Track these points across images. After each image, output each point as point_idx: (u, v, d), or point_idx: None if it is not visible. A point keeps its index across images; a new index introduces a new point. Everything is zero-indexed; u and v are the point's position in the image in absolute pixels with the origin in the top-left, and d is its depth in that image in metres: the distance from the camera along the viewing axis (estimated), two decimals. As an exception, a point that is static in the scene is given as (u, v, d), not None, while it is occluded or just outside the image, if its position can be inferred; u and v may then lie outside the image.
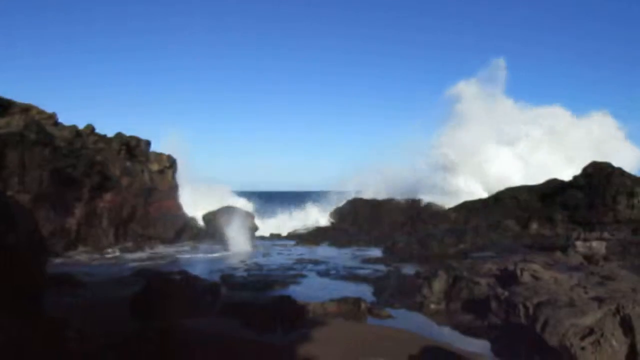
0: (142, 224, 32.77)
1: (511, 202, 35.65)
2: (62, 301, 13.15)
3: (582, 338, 8.28)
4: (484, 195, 40.87)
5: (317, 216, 47.88)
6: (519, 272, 14.31)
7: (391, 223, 40.66)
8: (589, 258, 19.08)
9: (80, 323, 8.90)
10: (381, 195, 45.50)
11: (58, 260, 23.55)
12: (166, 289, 12.38)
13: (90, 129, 32.51)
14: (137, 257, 26.95)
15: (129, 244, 30.67)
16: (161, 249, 30.39)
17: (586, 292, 12.29)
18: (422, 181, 47.51)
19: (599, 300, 9.30)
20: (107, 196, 30.66)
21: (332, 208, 46.97)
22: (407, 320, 14.17)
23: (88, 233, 29.24)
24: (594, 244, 21.76)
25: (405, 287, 17.57)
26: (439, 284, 16.18)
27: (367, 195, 46.65)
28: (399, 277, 19.86)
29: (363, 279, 20.24)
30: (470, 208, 37.65)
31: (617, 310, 8.41)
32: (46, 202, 25.70)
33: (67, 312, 10.97)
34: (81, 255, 26.58)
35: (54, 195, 26.21)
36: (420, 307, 15.52)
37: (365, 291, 17.76)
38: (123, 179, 32.05)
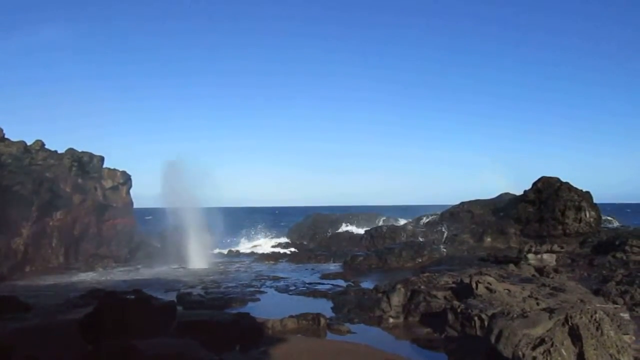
0: (94, 242, 31.72)
1: (466, 216, 36.52)
2: (7, 326, 12.50)
3: (534, 348, 8.52)
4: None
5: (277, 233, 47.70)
6: (474, 284, 14.63)
7: (350, 238, 40.93)
8: (540, 270, 19.72)
9: (28, 348, 8.50)
10: None
11: (3, 283, 22.45)
12: (119, 310, 11.98)
13: (40, 144, 31.38)
14: (89, 278, 25.99)
15: (80, 264, 29.59)
16: (114, 269, 29.43)
17: (538, 303, 12.71)
18: None
19: (550, 310, 9.61)
20: (58, 214, 29.55)
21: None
22: (366, 335, 14.20)
23: (36, 253, 28.03)
24: (545, 256, 22.55)
25: (364, 302, 17.65)
26: (397, 298, 16.33)
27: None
28: (358, 292, 19.95)
29: (322, 295, 20.20)
30: (427, 222, 38.35)
31: (566, 321, 8.71)
32: (-9, 222, 24.55)
33: (13, 337, 10.45)
34: (29, 277, 25.43)
35: (-1, 214, 25.09)
36: (379, 322, 15.61)
37: (324, 307, 17.72)
38: (74, 196, 30.98)
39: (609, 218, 36.29)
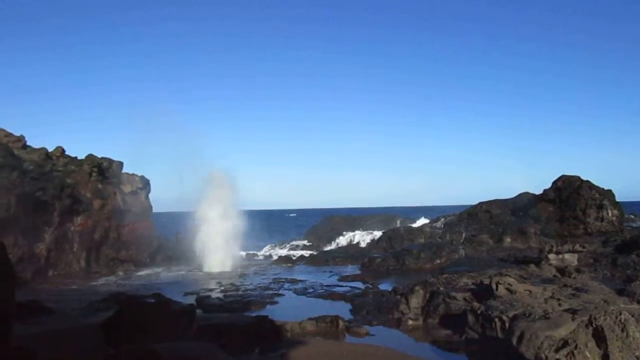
0: (114, 247, 32.09)
1: (484, 216, 36.15)
2: (30, 329, 12.70)
3: (557, 350, 8.37)
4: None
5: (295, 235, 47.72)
6: (494, 285, 14.46)
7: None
8: (562, 270, 19.41)
9: (50, 352, 8.60)
10: None
11: (27, 287, 22.82)
12: (140, 313, 12.09)
13: (60, 151, 31.85)
14: (110, 282, 26.34)
15: (101, 268, 29.97)
16: (135, 272, 29.75)
17: (560, 304, 12.49)
18: None
19: (573, 312, 9.45)
20: (78, 220, 29.98)
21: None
22: (385, 337, 14.12)
23: (58, 258, 28.46)
24: (566, 256, 22.18)
25: (382, 304, 17.56)
26: (416, 300, 16.23)
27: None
28: (377, 294, 19.86)
29: (341, 297, 20.15)
30: (444, 222, 38.05)
31: (590, 322, 8.54)
32: (14, 227, 24.95)
33: (35, 340, 10.60)
34: (51, 282, 25.83)
35: (22, 220, 25.48)
36: (398, 324, 15.51)
37: (343, 309, 17.67)
38: (95, 201, 31.39)
39: (631, 216, 35.65)
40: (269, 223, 51.98)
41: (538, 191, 34.96)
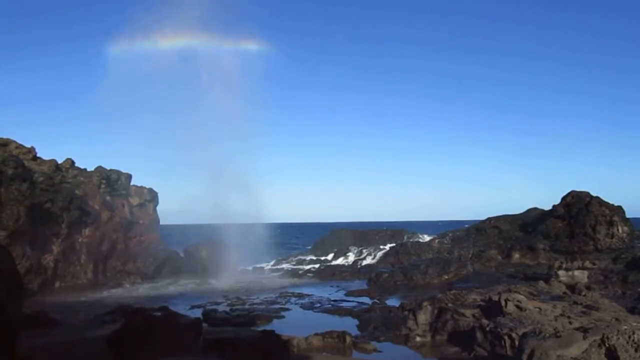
0: (121, 259, 32.14)
1: (493, 231, 35.90)
2: (37, 342, 12.68)
3: (569, 369, 8.24)
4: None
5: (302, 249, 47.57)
6: (503, 302, 14.28)
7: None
8: (572, 287, 19.16)
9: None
10: None
11: (33, 299, 22.84)
12: (146, 327, 12.05)
13: (70, 162, 32.10)
14: (116, 294, 26.31)
15: (108, 280, 29.98)
16: (141, 285, 29.72)
17: (570, 322, 12.30)
18: None
19: (584, 330, 9.30)
20: (86, 231, 30.09)
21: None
22: (393, 354, 13.98)
23: (66, 270, 28.53)
24: (576, 273, 21.95)
25: (390, 320, 17.40)
26: (424, 316, 16.04)
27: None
28: (384, 310, 19.69)
29: (348, 312, 20.01)
30: (453, 238, 37.82)
31: (603, 341, 8.40)
32: (23, 239, 25.07)
33: (42, 352, 10.59)
34: (58, 293, 25.85)
35: (31, 231, 25.60)
36: (405, 340, 15.34)
37: (350, 324, 17.53)
38: (103, 213, 31.53)
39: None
40: (276, 236, 51.86)
41: (547, 207, 34.75)
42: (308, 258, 43.89)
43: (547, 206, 34.86)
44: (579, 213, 30.85)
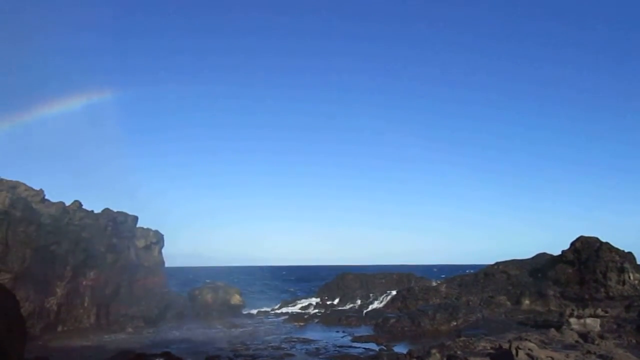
0: (125, 302, 31.79)
1: (501, 277, 35.38)
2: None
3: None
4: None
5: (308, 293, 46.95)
6: (514, 350, 13.94)
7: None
8: (585, 336, 18.70)
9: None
10: None
11: (35, 343, 22.53)
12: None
13: (77, 205, 32.29)
14: (119, 338, 25.91)
15: (111, 324, 29.57)
16: (144, 329, 29.28)
17: (584, 373, 11.96)
18: None
19: (599, 381, 9.02)
20: (91, 274, 29.94)
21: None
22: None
23: (69, 314, 28.22)
24: (588, 320, 21.45)
25: (398, 368, 16.96)
26: (432, 365, 15.65)
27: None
28: (391, 357, 19.23)
29: (354, 359, 19.56)
30: (460, 282, 37.26)
31: (618, 393, 8.13)
32: (27, 281, 25.00)
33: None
34: (60, 338, 25.48)
35: (35, 274, 25.54)
36: (414, 390, 14.91)
37: (356, 373, 17.10)
38: (108, 255, 31.45)
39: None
40: (280, 279, 51.39)
41: (556, 252, 34.35)
42: (314, 302, 43.24)
43: (555, 251, 34.50)
44: (589, 259, 30.44)
